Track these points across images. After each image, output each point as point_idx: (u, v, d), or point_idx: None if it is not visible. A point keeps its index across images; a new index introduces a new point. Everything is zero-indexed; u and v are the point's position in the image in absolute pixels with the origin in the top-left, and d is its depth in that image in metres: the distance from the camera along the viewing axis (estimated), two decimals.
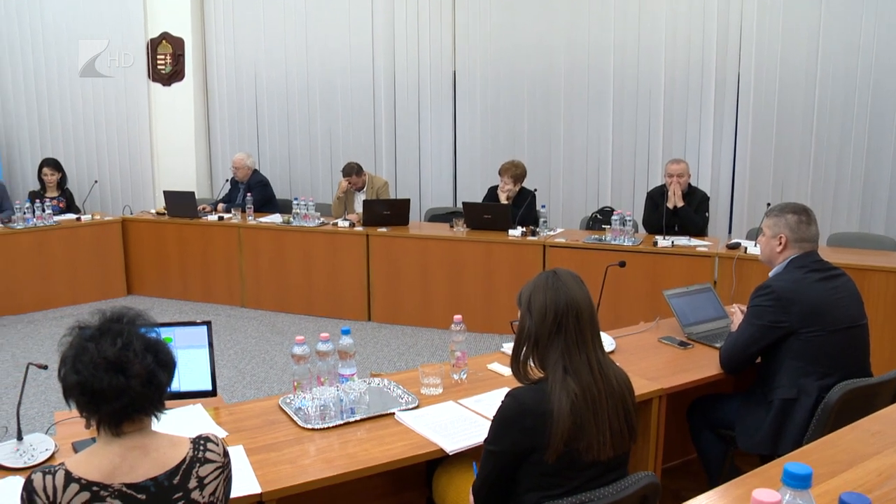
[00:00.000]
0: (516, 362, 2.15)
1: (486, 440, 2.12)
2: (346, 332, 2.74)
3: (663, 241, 5.58)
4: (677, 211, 5.85)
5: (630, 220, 5.81)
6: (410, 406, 2.71)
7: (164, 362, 1.73)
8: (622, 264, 4.01)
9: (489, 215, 6.17)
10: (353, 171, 6.79)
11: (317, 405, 2.62)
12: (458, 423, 2.60)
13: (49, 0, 8.04)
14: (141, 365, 1.67)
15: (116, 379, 1.64)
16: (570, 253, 5.76)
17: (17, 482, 2.27)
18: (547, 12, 7.09)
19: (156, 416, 1.76)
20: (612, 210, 6.28)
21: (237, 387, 5.02)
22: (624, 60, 6.94)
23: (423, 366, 2.88)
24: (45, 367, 2.52)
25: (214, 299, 7.00)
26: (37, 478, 1.64)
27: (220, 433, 2.54)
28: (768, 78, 6.51)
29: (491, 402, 2.71)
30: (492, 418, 2.12)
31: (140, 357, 1.67)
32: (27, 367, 2.44)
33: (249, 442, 2.48)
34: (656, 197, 6.04)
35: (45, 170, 7.47)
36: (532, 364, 2.14)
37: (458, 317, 2.99)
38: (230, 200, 7.41)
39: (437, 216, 7.01)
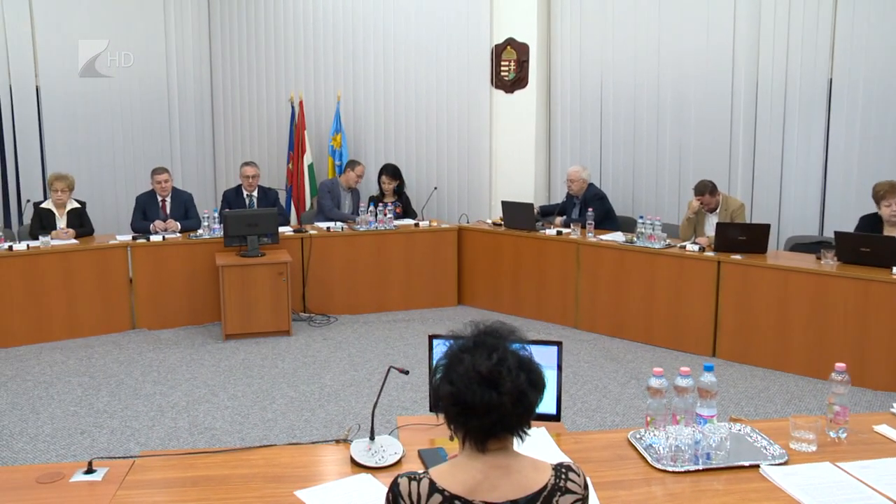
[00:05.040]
0: None
1: None
2: (709, 369, 2.67)
3: None
4: None
5: None
6: (778, 461, 2.57)
7: (535, 382, 1.81)
8: None
9: (868, 248, 5.68)
10: (706, 189, 6.62)
11: (670, 445, 2.58)
12: (838, 489, 2.41)
13: (396, 7, 8.87)
14: (513, 382, 1.76)
15: (489, 394, 1.75)
16: None
17: (368, 479, 2.54)
18: None
19: (520, 437, 1.84)
20: None
21: (567, 413, 5.12)
22: None
23: (796, 417, 2.71)
24: (407, 373, 2.77)
25: (546, 317, 7.24)
26: (403, 482, 1.81)
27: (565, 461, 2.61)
28: None
29: (883, 471, 2.49)
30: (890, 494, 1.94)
31: (513, 374, 1.77)
32: (388, 371, 2.71)
33: (596, 475, 2.52)
34: None
35: (384, 177, 8.26)
36: None
37: (840, 365, 2.78)
38: (563, 213, 7.63)
39: (799, 245, 6.59)
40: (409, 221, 7.97)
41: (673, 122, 7.74)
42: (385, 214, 7.71)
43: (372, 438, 2.75)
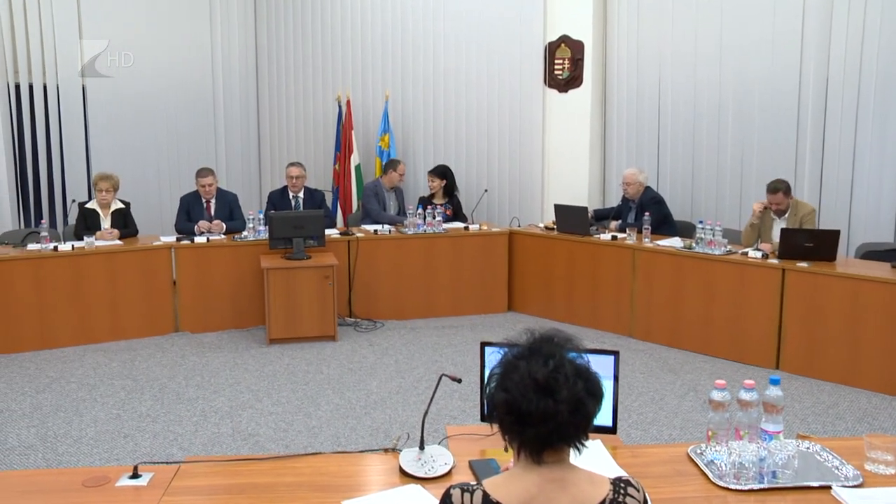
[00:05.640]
0: None
1: None
2: (775, 382, 2.62)
3: None
4: None
5: None
6: (852, 483, 2.51)
7: (593, 391, 1.79)
8: None
9: None
10: (781, 187, 6.42)
11: (733, 461, 2.54)
12: None
13: (446, 4, 8.87)
14: (570, 390, 1.75)
15: (545, 402, 1.74)
16: None
17: (417, 490, 2.55)
18: None
19: (577, 449, 1.83)
20: None
21: (622, 426, 5.05)
22: None
23: (871, 436, 2.65)
24: (460, 381, 2.77)
25: (600, 325, 7.19)
26: (455, 493, 1.81)
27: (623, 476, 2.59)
28: None
29: None
30: None
31: (570, 382, 1.75)
32: (440, 378, 2.71)
33: (654, 491, 2.48)
34: None
35: (429, 177, 8.30)
36: None
37: None
38: (618, 217, 7.59)
39: (872, 253, 6.43)
40: (458, 225, 7.97)
41: (735, 121, 7.60)
42: (434, 217, 7.72)
43: (421, 448, 2.75)
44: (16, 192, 8.54)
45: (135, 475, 2.62)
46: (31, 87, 8.51)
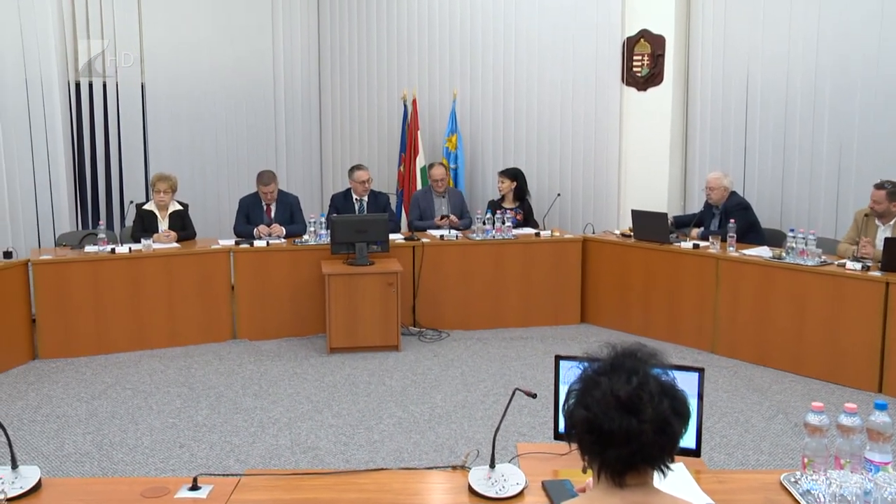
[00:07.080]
0: None
1: None
2: (881, 407, 2.53)
3: None
4: None
5: None
6: None
7: (680, 411, 1.77)
8: None
9: None
10: (885, 187, 6.17)
11: (833, 493, 2.46)
12: None
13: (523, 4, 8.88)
14: (655, 409, 1.72)
15: (628, 421, 1.71)
16: None
17: None
18: None
19: (662, 472, 1.80)
20: None
21: (703, 448, 4.96)
22: None
23: None
24: (535, 396, 2.75)
25: (680, 340, 7.10)
26: None
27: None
28: None
29: None
30: None
31: (655, 400, 1.73)
32: (513, 393, 2.70)
33: None
34: None
35: (500, 177, 8.33)
36: None
37: None
38: (700, 224, 7.48)
39: None
40: (529, 231, 7.94)
41: (832, 118, 7.33)
42: (503, 223, 7.70)
43: (492, 466, 2.74)
44: (74, 192, 8.75)
45: (194, 487, 2.66)
46: (90, 85, 8.71)
